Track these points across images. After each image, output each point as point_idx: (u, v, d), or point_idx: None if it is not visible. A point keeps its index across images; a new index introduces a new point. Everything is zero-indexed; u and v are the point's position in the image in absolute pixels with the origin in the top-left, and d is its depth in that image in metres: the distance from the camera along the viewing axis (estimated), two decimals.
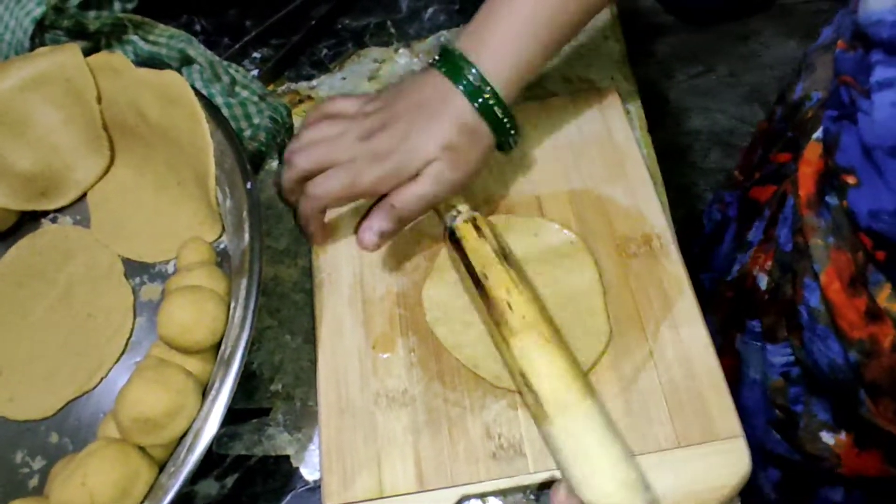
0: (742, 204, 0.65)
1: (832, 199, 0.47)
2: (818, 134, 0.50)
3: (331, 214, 0.54)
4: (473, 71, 0.47)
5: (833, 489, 0.57)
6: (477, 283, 0.46)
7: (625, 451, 0.41)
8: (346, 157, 0.47)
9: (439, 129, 0.46)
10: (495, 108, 0.47)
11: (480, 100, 0.47)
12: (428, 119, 0.47)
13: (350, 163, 0.47)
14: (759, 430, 0.58)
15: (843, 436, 0.52)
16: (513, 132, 0.49)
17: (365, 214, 0.48)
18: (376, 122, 0.48)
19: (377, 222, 0.47)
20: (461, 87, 0.47)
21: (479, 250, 0.47)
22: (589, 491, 0.40)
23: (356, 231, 0.48)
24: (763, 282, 0.56)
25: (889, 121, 0.40)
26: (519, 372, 0.43)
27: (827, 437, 0.52)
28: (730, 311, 0.61)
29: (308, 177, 0.48)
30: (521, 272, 0.47)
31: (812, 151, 0.50)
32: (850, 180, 0.44)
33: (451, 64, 0.48)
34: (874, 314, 0.45)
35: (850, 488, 0.57)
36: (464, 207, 0.49)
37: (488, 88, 0.47)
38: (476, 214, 0.49)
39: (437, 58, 0.49)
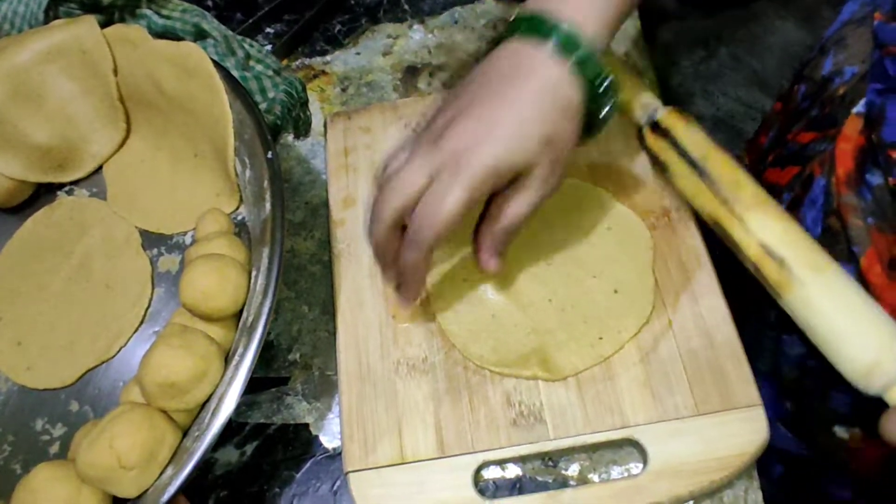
0: None
1: (874, 177, 0.46)
2: (859, 108, 0.48)
3: (341, 184, 0.55)
4: (563, 25, 0.40)
5: (841, 487, 0.55)
6: (695, 166, 0.46)
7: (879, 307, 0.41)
8: (423, 176, 0.39)
9: (530, 110, 0.39)
10: (595, 67, 0.40)
11: (578, 53, 0.39)
12: (511, 100, 0.39)
13: (437, 184, 0.39)
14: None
15: (857, 430, 0.51)
16: (611, 100, 0.42)
17: (475, 234, 0.44)
18: (446, 118, 0.41)
19: (496, 246, 0.43)
20: (552, 43, 0.39)
21: (693, 136, 0.47)
22: (854, 346, 0.40)
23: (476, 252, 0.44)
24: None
25: None
26: (759, 244, 0.43)
27: (841, 432, 0.51)
28: (739, 300, 0.59)
29: (403, 216, 0.41)
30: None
31: (851, 127, 0.48)
32: None
33: (528, 23, 0.41)
34: None
35: (859, 486, 0.55)
36: (657, 101, 0.50)
37: (584, 40, 0.40)
38: (672, 107, 0.49)
39: (505, 31, 0.42)
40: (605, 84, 0.41)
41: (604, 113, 0.42)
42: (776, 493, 0.60)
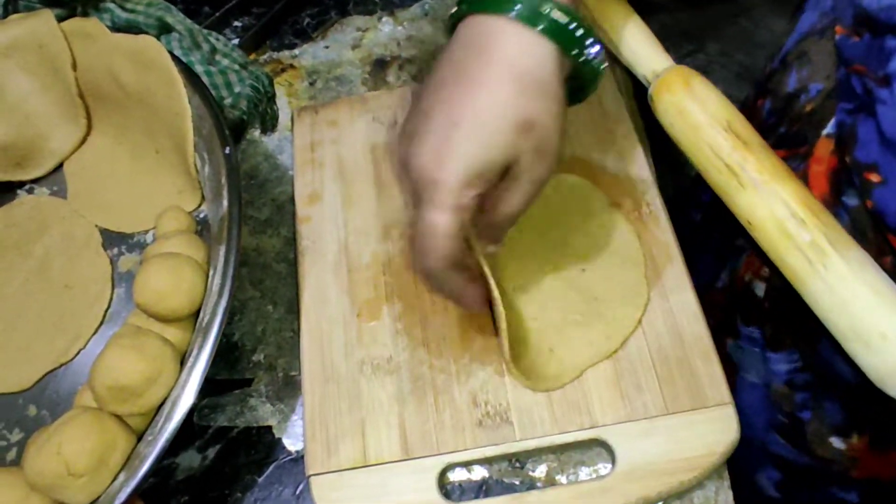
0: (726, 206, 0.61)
1: (850, 200, 0.44)
2: (829, 129, 0.46)
3: (307, 180, 0.53)
4: None
5: (846, 490, 0.54)
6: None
7: None
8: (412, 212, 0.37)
9: (497, 95, 0.34)
10: (566, 23, 0.34)
11: (545, 22, 0.34)
12: (475, 87, 0.34)
13: (421, 212, 0.36)
14: (759, 430, 0.54)
15: (855, 440, 0.50)
16: (598, 55, 0.36)
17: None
18: (414, 123, 0.37)
19: (492, 238, 0.40)
20: (513, 13, 0.34)
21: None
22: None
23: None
24: (760, 289, 0.52)
25: None
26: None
27: (837, 443, 0.50)
28: (721, 318, 0.57)
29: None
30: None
31: (823, 148, 0.46)
32: (874, 178, 0.41)
33: None
34: None
35: (865, 490, 0.53)
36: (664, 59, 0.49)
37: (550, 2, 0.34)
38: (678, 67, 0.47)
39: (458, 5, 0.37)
40: (587, 42, 0.36)
41: (592, 72, 0.37)
42: (774, 499, 0.59)
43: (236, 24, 0.66)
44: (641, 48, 0.50)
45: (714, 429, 0.42)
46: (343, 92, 0.60)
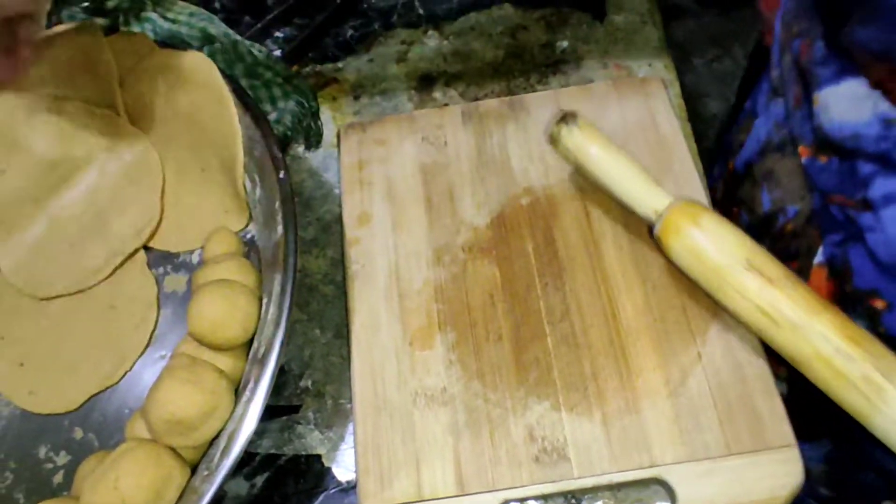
0: None
1: (860, 322, 0.42)
2: (820, 258, 0.45)
3: (356, 200, 0.52)
4: None
5: None
6: None
7: None
8: None
9: None
10: None
11: None
12: None
13: None
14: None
15: None
16: None
17: None
18: None
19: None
20: None
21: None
22: None
23: None
24: (782, 388, 0.49)
25: None
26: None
27: None
28: None
29: None
30: None
31: (818, 277, 0.45)
32: (879, 304, 0.40)
33: None
34: None
35: None
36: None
37: None
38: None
39: None
40: None
41: None
42: None
43: (278, 34, 0.65)
44: (636, 188, 0.46)
45: (777, 471, 0.41)
46: (388, 107, 0.60)
